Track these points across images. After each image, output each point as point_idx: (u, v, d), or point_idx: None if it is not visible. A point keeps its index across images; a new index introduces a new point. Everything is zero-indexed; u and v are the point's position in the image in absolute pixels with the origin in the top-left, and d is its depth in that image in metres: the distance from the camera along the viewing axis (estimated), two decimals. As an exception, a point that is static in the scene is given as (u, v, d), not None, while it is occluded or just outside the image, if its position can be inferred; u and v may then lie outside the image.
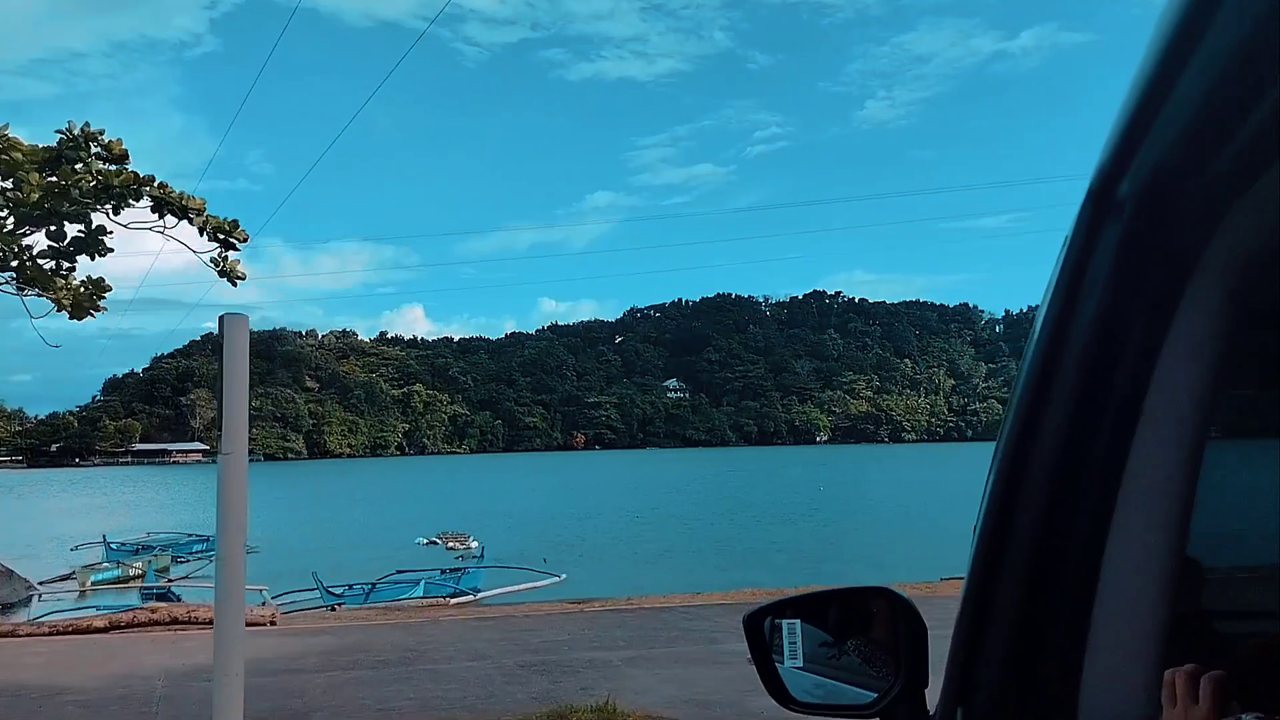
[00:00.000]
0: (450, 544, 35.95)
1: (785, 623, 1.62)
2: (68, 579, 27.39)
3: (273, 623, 14.13)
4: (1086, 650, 0.80)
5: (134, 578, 27.46)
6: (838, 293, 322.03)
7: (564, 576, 24.68)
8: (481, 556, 30.01)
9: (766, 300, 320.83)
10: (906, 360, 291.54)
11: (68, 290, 8.50)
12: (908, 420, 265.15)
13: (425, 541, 37.76)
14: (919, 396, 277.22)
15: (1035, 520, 0.86)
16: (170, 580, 26.65)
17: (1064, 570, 0.83)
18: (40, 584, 24.13)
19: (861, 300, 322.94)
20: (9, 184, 7.79)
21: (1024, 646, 0.85)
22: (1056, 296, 0.86)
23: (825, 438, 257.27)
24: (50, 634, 13.34)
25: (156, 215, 8.37)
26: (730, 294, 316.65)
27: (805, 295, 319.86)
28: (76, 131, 8.02)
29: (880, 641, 1.53)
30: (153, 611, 14.59)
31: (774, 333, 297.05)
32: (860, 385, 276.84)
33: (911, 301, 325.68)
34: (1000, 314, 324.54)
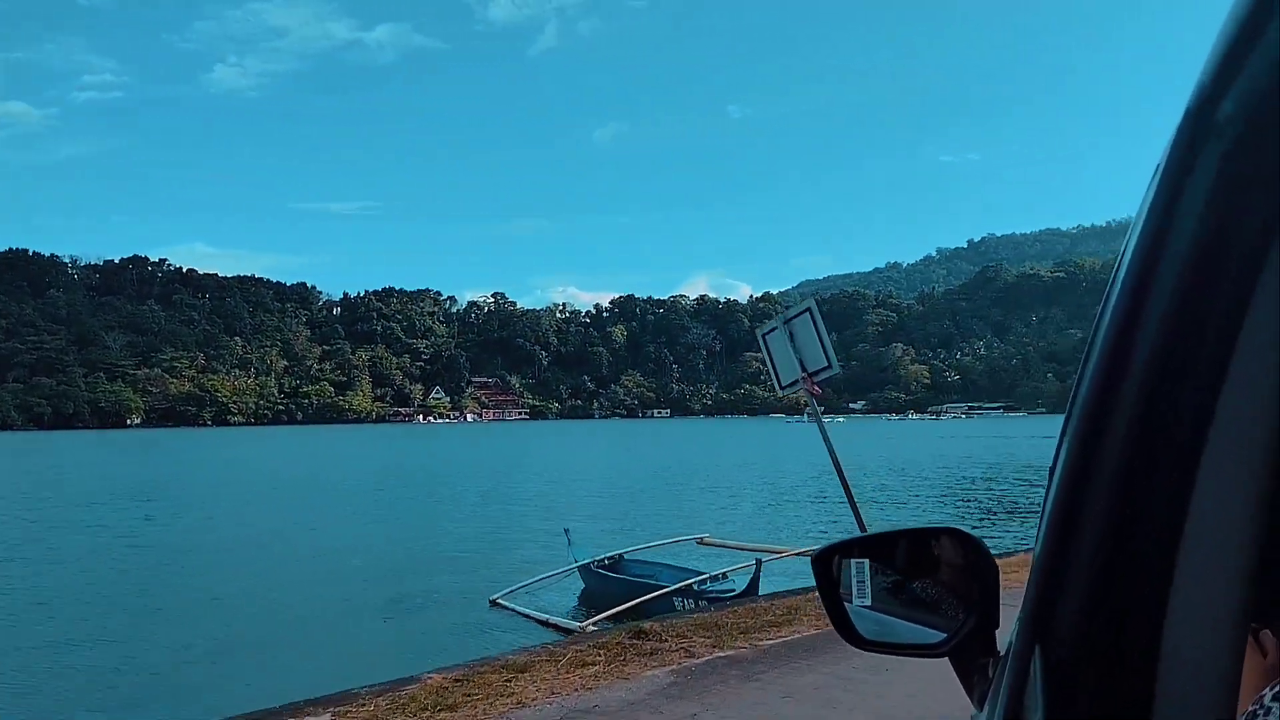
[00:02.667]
0: None
1: (853, 561, 1.63)
2: None
3: None
4: (1170, 593, 0.77)
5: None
6: (162, 260, 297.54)
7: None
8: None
9: (74, 262, 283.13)
10: (237, 338, 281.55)
11: None
12: (235, 402, 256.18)
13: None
14: (249, 377, 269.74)
15: (1121, 457, 0.82)
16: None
17: (1149, 511, 0.80)
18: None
19: (190, 271, 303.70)
20: None
21: (1106, 587, 0.83)
22: (1150, 221, 0.83)
23: (138, 421, 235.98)
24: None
25: None
26: (26, 250, 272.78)
27: (123, 260, 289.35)
28: None
29: (949, 581, 1.52)
30: None
31: (81, 300, 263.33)
32: (183, 363, 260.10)
33: (246, 277, 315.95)
34: (339, 296, 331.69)
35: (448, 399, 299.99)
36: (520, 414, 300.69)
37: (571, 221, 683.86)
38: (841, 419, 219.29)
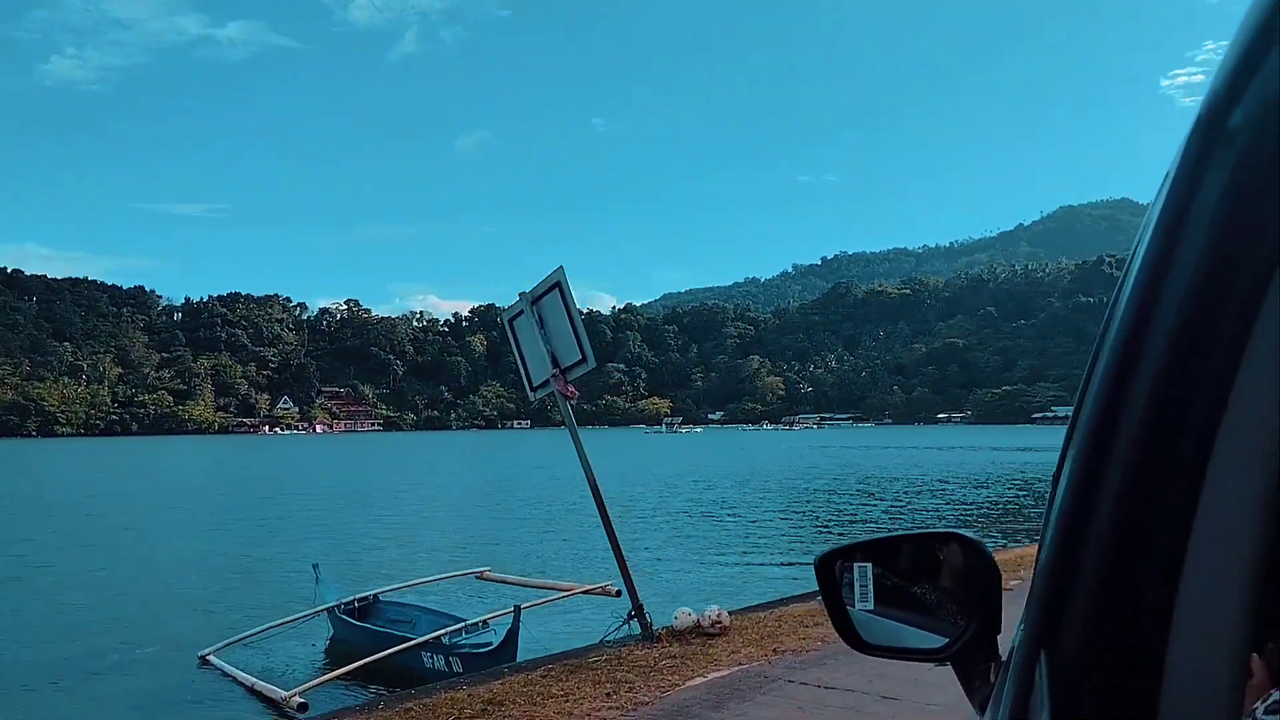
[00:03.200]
0: None
1: (856, 565, 1.64)
2: None
3: None
4: (1176, 602, 0.77)
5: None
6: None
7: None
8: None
9: None
10: (67, 344, 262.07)
11: None
12: (63, 411, 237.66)
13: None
14: (79, 385, 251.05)
15: (1128, 465, 0.82)
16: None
17: (1156, 520, 0.80)
18: None
19: (16, 272, 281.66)
20: None
21: (1113, 595, 0.83)
22: (1159, 230, 0.83)
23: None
24: None
25: None
26: None
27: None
28: None
29: (951, 586, 1.53)
30: None
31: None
32: (6, 370, 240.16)
33: (79, 279, 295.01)
34: (180, 300, 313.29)
35: (296, 409, 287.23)
36: (373, 425, 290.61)
37: (432, 229, 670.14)
38: (699, 429, 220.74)
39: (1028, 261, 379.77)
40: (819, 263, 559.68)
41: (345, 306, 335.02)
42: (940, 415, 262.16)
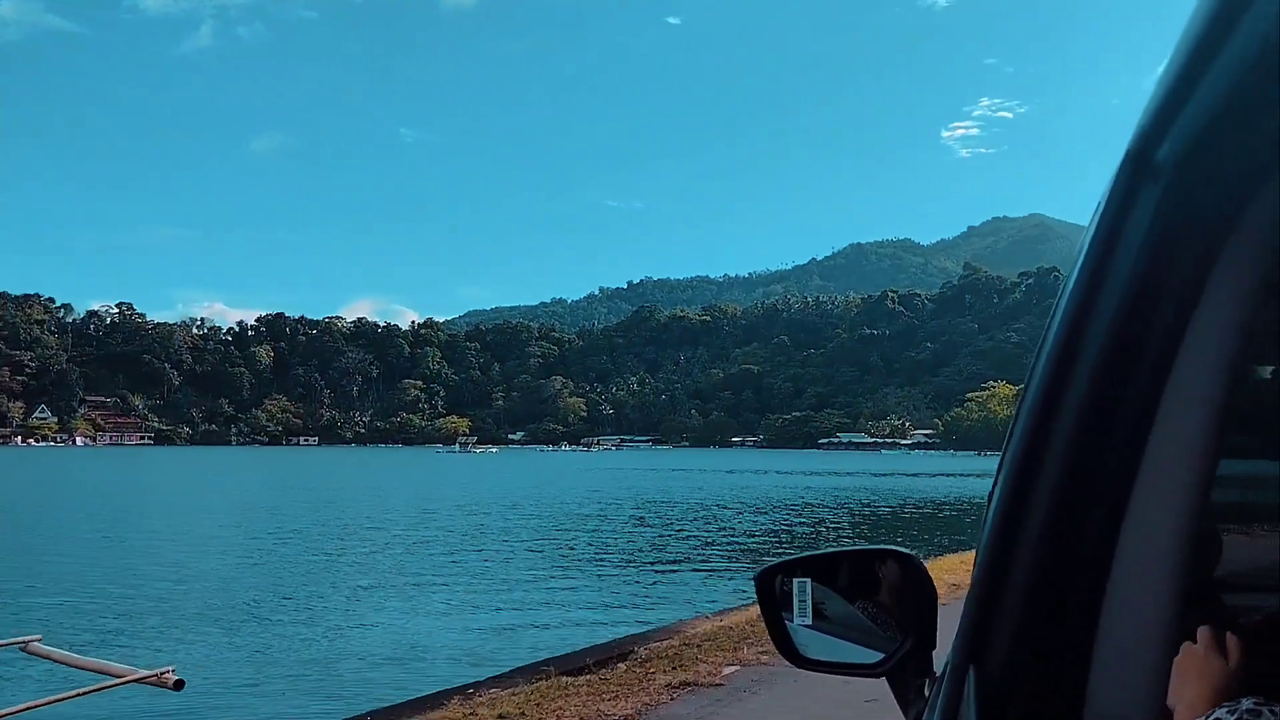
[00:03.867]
0: None
1: (796, 581, 1.65)
2: None
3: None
4: (1100, 617, 0.80)
5: None
6: None
7: None
8: None
9: None
10: None
11: None
12: None
13: None
14: None
15: (1055, 486, 0.85)
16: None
17: (1081, 539, 0.83)
18: None
19: None
20: None
21: (1039, 611, 0.86)
22: (1089, 260, 0.86)
23: None
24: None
25: None
26: None
27: None
28: None
29: (888, 602, 1.55)
30: None
31: None
32: None
33: None
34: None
35: (54, 419, 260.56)
36: (143, 438, 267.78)
37: (222, 234, 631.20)
38: (495, 449, 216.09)
39: (819, 294, 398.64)
40: (625, 286, 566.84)
41: (116, 310, 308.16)
42: (735, 439, 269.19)
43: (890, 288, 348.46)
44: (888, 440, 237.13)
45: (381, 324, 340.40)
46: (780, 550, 28.23)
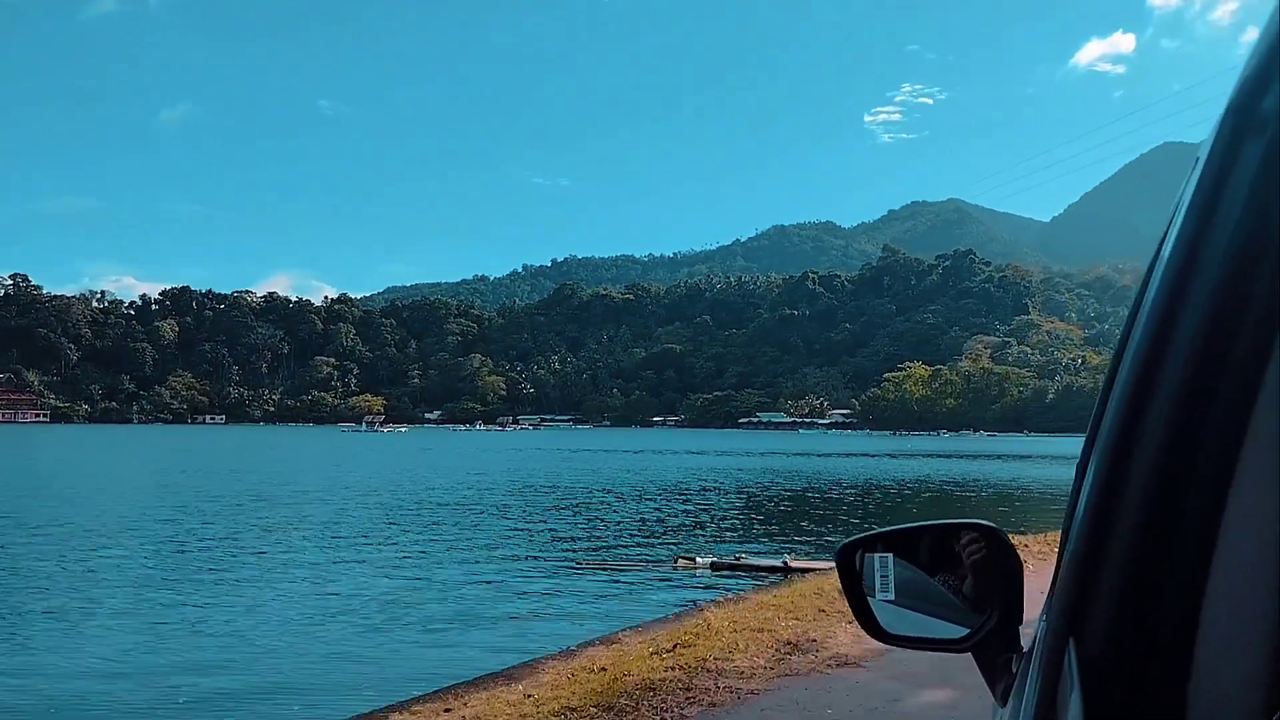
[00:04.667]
0: None
1: (877, 556, 1.65)
2: None
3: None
4: (1207, 588, 0.76)
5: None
6: None
7: None
8: None
9: None
10: None
11: None
12: None
13: None
14: None
15: (1158, 451, 0.82)
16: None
17: (1186, 505, 0.79)
18: None
19: None
20: None
21: (1143, 584, 0.83)
22: (1190, 218, 0.82)
23: None
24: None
25: None
26: None
27: None
28: None
29: (972, 576, 1.53)
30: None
31: None
32: None
33: None
34: None
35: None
36: (39, 416, 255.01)
37: (131, 206, 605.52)
38: (404, 429, 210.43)
39: (742, 274, 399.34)
40: (549, 264, 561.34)
41: (10, 282, 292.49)
42: (656, 418, 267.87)
43: (811, 269, 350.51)
44: (806, 420, 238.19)
45: (294, 299, 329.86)
46: (674, 541, 25.65)
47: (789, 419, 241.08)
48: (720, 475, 55.36)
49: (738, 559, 20.09)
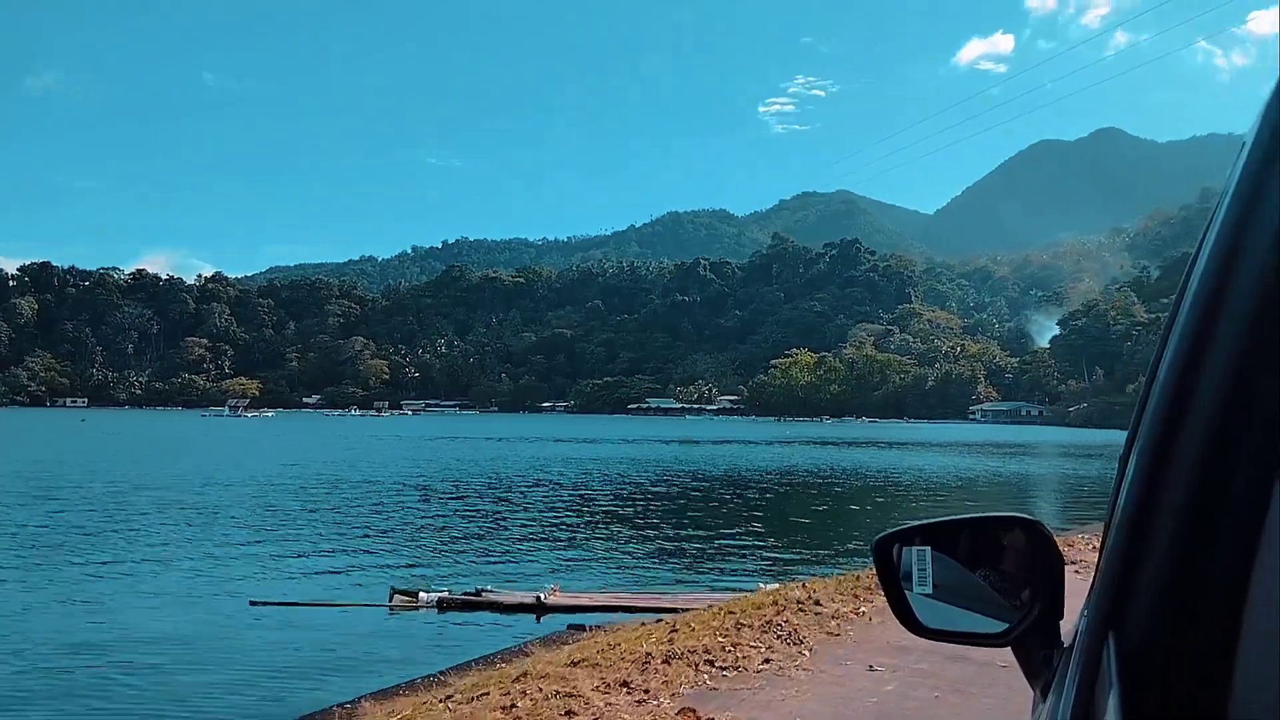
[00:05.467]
0: None
1: (915, 549, 1.63)
2: None
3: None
4: (1250, 584, 0.75)
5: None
6: None
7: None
8: None
9: None
10: None
11: None
12: None
13: None
14: None
15: (1201, 444, 0.80)
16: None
17: (1229, 505, 0.77)
18: None
19: None
20: None
21: (1185, 579, 0.81)
22: (1234, 205, 0.81)
23: None
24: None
25: None
26: None
27: None
28: None
29: (1012, 570, 1.51)
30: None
31: None
32: None
33: None
34: None
35: None
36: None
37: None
38: (271, 414, 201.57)
39: (634, 260, 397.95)
40: (439, 246, 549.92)
41: None
42: (545, 404, 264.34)
43: (705, 256, 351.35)
44: (695, 406, 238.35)
45: (165, 277, 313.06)
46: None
47: (678, 405, 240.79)
48: (576, 465, 52.74)
49: (478, 594, 15.37)
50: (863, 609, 10.17)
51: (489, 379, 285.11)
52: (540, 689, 7.36)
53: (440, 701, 7.90)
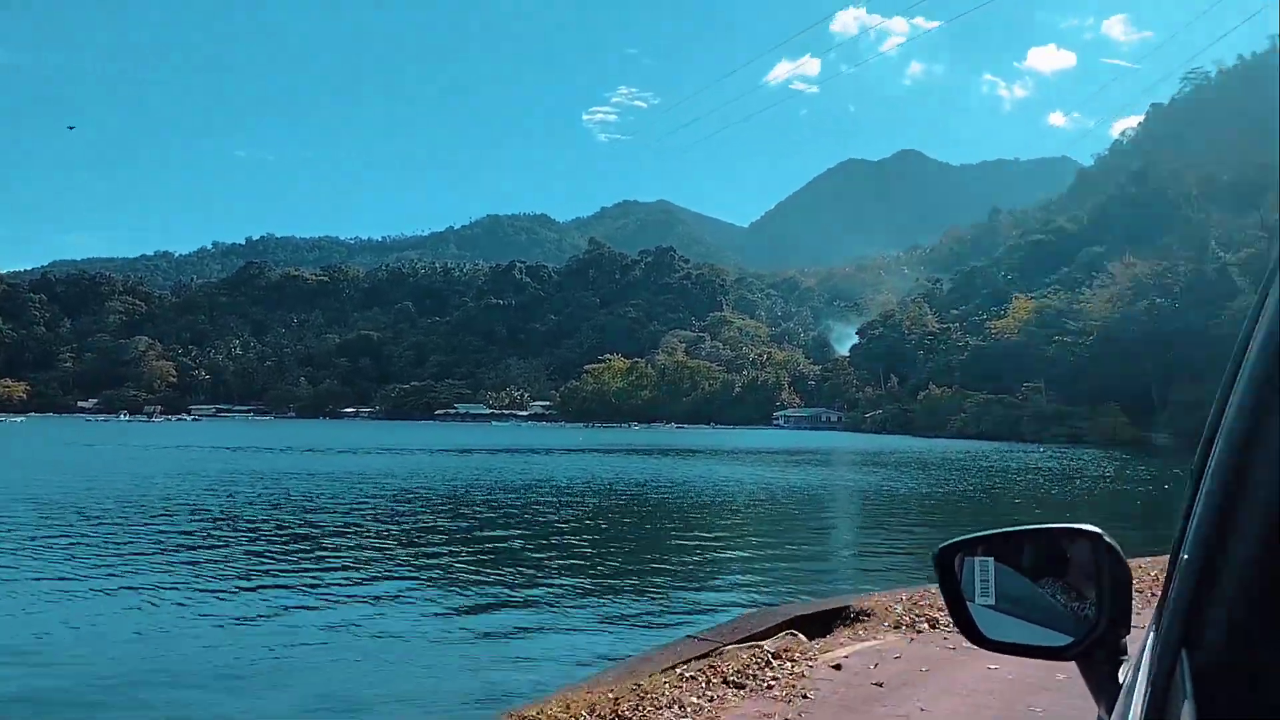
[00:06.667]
0: None
1: (977, 560, 1.61)
2: None
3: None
4: None
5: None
6: None
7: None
8: None
9: None
10: None
11: None
12: None
13: None
14: None
15: None
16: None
17: None
18: None
19: None
20: None
21: (1264, 594, 0.78)
22: None
23: None
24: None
25: None
26: None
27: None
28: None
29: (1077, 583, 1.48)
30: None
31: None
32: None
33: None
34: None
35: None
36: None
37: None
38: (20, 419, 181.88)
39: (449, 261, 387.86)
40: (243, 242, 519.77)
41: None
42: (348, 409, 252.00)
43: (520, 258, 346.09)
44: (505, 411, 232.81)
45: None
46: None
47: (489, 410, 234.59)
48: (320, 480, 47.33)
49: None
50: None
51: (287, 383, 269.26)
52: None
53: None
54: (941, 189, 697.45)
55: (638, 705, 7.25)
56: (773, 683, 7.85)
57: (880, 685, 7.85)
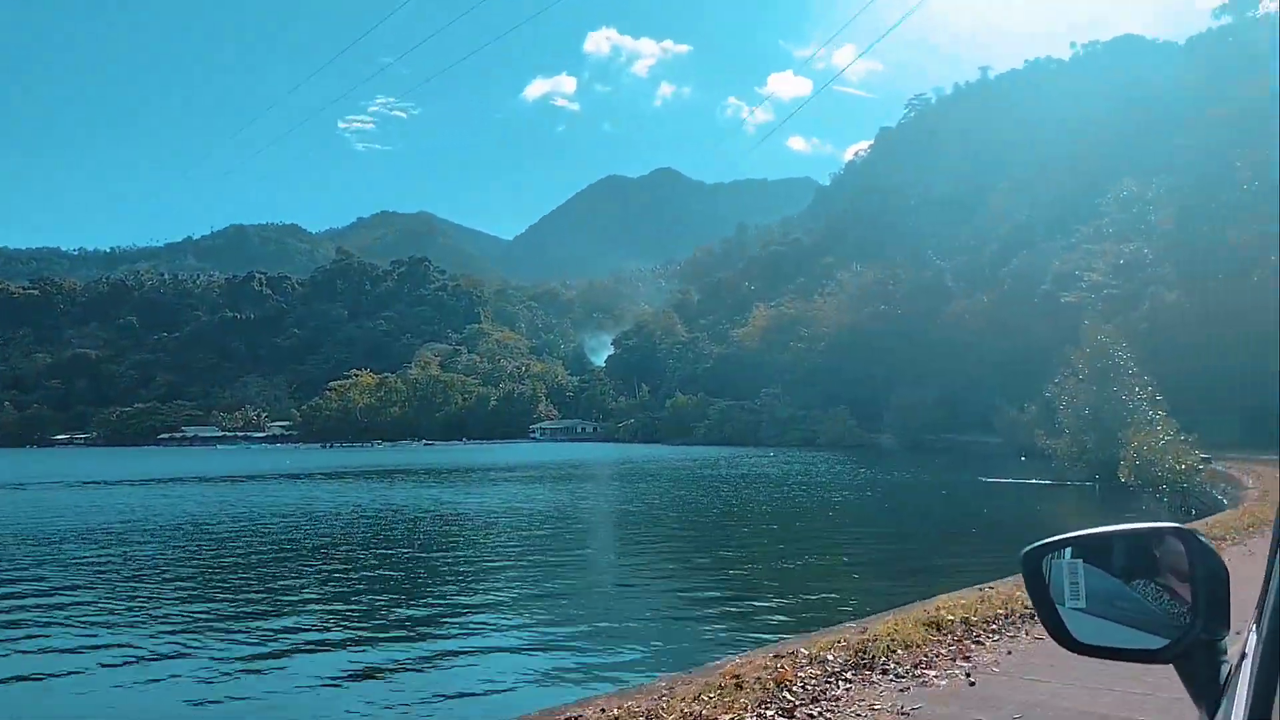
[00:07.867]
0: None
1: (1065, 562, 1.58)
2: None
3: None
4: None
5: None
6: None
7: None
8: None
9: None
10: None
11: None
12: None
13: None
14: None
15: None
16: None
17: None
18: None
19: None
20: None
21: None
22: None
23: None
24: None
25: None
26: None
27: None
28: None
29: (1170, 584, 1.45)
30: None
31: None
32: None
33: None
34: None
35: None
36: None
37: None
38: None
39: (180, 273, 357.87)
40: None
41: None
42: (60, 436, 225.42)
43: (259, 269, 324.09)
44: (239, 434, 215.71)
45: None
46: None
47: (221, 432, 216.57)
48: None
49: None
50: None
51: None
52: None
53: None
54: (695, 206, 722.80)
55: None
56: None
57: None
